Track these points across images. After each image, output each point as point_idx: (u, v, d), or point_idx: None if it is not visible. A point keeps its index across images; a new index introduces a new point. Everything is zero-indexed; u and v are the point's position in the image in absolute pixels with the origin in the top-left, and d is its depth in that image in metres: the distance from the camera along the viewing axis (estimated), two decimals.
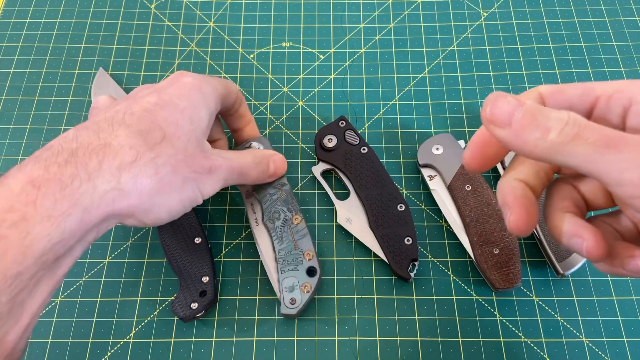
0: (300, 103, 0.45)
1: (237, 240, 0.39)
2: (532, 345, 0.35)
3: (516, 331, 0.36)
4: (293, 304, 0.35)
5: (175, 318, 0.36)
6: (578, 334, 0.36)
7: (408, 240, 0.37)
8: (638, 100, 0.23)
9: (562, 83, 0.24)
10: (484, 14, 0.49)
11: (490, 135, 0.23)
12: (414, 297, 0.37)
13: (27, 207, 0.24)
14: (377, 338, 0.36)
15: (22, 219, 0.24)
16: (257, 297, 0.37)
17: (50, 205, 0.24)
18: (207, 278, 0.36)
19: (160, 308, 0.37)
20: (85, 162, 0.26)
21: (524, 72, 0.46)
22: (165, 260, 0.38)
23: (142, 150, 0.28)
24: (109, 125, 0.28)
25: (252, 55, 0.47)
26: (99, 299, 0.37)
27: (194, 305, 0.35)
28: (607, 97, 0.23)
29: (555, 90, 0.24)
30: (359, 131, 0.43)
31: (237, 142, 0.40)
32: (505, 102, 0.22)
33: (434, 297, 0.37)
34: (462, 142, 0.40)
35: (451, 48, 0.47)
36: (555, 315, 0.36)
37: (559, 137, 0.20)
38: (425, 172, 0.40)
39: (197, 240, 0.37)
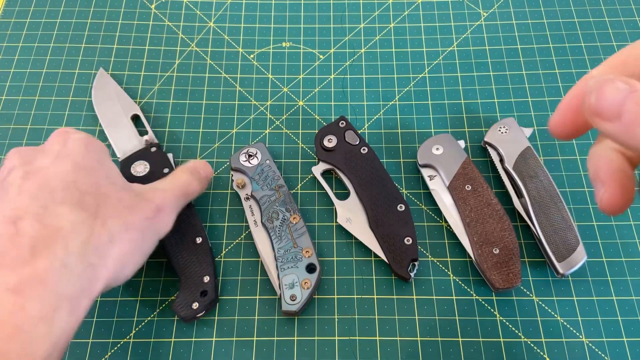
0: (301, 103, 0.45)
1: (237, 240, 0.39)
2: (532, 345, 0.35)
3: (516, 331, 0.36)
4: (294, 300, 0.35)
5: (176, 318, 0.36)
6: (578, 334, 0.36)
7: (408, 240, 0.37)
8: None
9: None
10: (484, 14, 0.49)
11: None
12: (414, 297, 0.37)
13: (17, 317, 0.23)
14: (377, 338, 0.36)
15: (17, 331, 0.23)
16: (257, 297, 0.37)
17: (38, 306, 0.23)
18: (208, 278, 0.36)
19: (161, 308, 0.37)
20: (50, 252, 0.25)
21: (524, 72, 0.46)
22: (165, 260, 0.38)
23: (90, 221, 0.27)
24: (44, 210, 0.27)
25: (252, 56, 0.47)
26: (99, 299, 0.37)
27: (195, 305, 0.35)
28: None
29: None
30: (359, 131, 0.43)
31: None
32: (615, 90, 0.18)
33: (434, 297, 0.37)
34: (462, 142, 0.40)
35: (451, 48, 0.47)
36: (555, 315, 0.36)
37: None
38: (425, 172, 0.40)
39: (198, 240, 0.37)
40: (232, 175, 0.40)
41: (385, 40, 0.48)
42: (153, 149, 0.40)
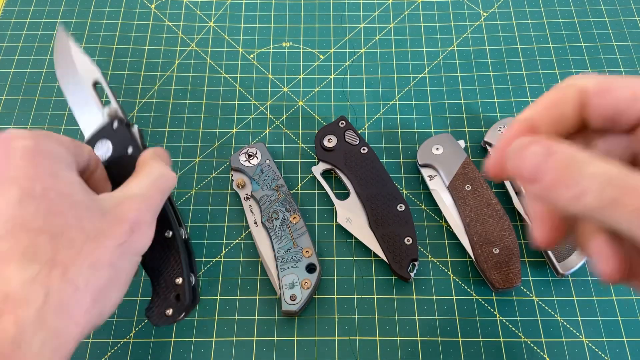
0: (300, 103, 0.45)
1: (237, 240, 0.39)
2: (532, 345, 0.35)
3: (516, 331, 0.36)
4: (294, 300, 0.35)
5: None
6: (578, 334, 0.36)
7: (408, 240, 0.37)
8: None
9: (609, 75, 0.21)
10: (484, 14, 0.49)
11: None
12: (414, 297, 0.37)
13: None
14: (377, 338, 0.36)
15: None
16: (257, 297, 0.37)
17: None
18: (181, 280, 0.30)
19: None
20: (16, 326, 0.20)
21: (523, 72, 0.46)
22: None
23: (45, 276, 0.21)
24: None
25: (252, 55, 0.47)
26: None
27: (169, 312, 0.29)
28: (630, 98, 0.19)
29: (601, 89, 0.20)
30: (359, 131, 0.43)
31: None
32: (532, 154, 0.19)
33: (434, 297, 0.37)
34: (462, 142, 0.40)
35: (451, 48, 0.47)
36: (555, 315, 0.36)
37: (595, 201, 0.17)
38: (425, 172, 0.40)
39: (168, 234, 0.31)
40: (232, 175, 0.40)
41: (385, 40, 0.48)
42: (115, 125, 0.32)
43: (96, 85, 0.35)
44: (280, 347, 0.35)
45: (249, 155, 0.40)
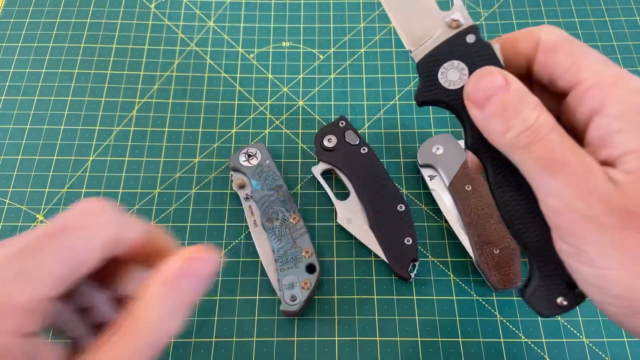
0: (300, 103, 0.45)
1: (236, 241, 0.39)
2: (532, 345, 0.35)
3: (516, 331, 0.36)
4: (293, 300, 0.35)
5: None
6: (578, 334, 0.36)
7: (408, 240, 0.37)
8: (608, 110, 0.20)
9: (575, 40, 0.22)
10: (484, 14, 0.49)
11: None
12: (414, 297, 0.37)
13: None
14: (377, 338, 0.36)
15: None
16: (257, 297, 0.37)
17: None
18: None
19: None
20: None
21: None
22: None
23: None
24: None
25: (252, 55, 0.47)
26: None
27: (560, 300, 0.23)
28: (585, 88, 0.21)
29: (551, 47, 0.22)
30: (359, 131, 0.43)
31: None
32: (490, 82, 0.21)
33: (434, 297, 0.37)
34: (462, 142, 0.40)
35: None
36: (556, 315, 0.36)
37: (513, 139, 0.20)
38: (425, 172, 0.40)
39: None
40: (232, 175, 0.40)
41: (385, 39, 0.48)
42: (471, 38, 0.23)
43: None
44: (280, 348, 0.35)
45: (249, 156, 0.40)
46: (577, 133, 0.21)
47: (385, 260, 0.37)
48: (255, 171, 0.39)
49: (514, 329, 0.36)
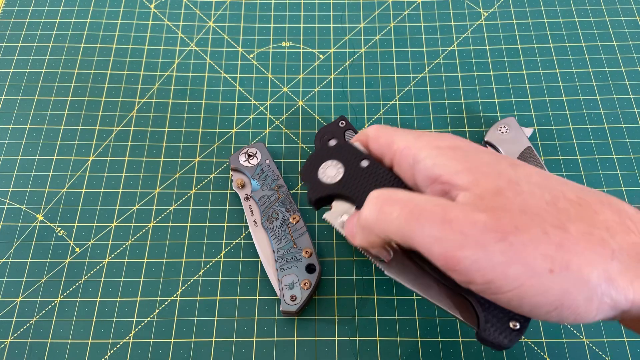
0: (300, 103, 0.45)
1: (236, 241, 0.39)
2: (532, 345, 0.35)
3: None
4: (293, 300, 0.35)
5: (175, 318, 0.36)
6: (578, 334, 0.36)
7: None
8: (419, 157, 0.25)
9: (392, 128, 0.28)
10: (484, 13, 0.49)
11: None
12: (414, 297, 0.37)
13: None
14: (378, 338, 0.36)
15: None
16: (257, 297, 0.37)
17: None
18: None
19: (160, 308, 0.37)
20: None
21: (524, 72, 0.46)
22: (164, 260, 0.38)
23: None
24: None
25: (252, 55, 0.47)
26: (98, 299, 0.37)
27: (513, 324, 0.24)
28: (400, 153, 0.26)
29: (374, 136, 0.28)
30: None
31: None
32: (351, 226, 0.28)
33: None
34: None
35: (451, 48, 0.47)
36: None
37: (370, 225, 0.25)
38: None
39: None
40: (232, 175, 0.40)
41: (386, 39, 0.48)
42: (333, 142, 0.31)
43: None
44: (280, 348, 0.35)
45: (249, 155, 0.40)
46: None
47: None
48: (255, 171, 0.39)
49: None
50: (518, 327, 0.24)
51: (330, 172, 0.29)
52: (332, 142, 0.30)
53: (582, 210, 0.21)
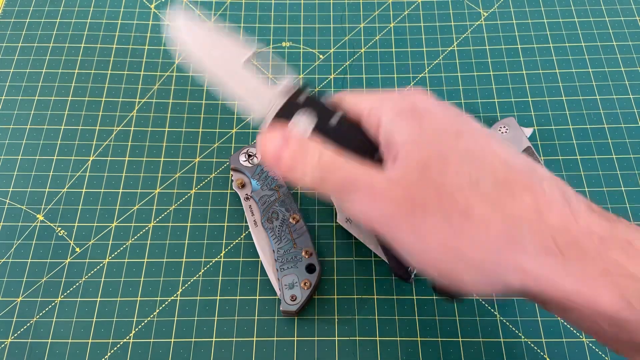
0: None
1: (236, 241, 0.39)
2: (532, 345, 0.35)
3: (516, 331, 0.36)
4: (294, 300, 0.35)
5: (176, 318, 0.36)
6: (578, 334, 0.36)
7: None
8: (383, 121, 0.25)
9: (397, 88, 0.29)
10: (484, 14, 0.49)
11: None
12: (414, 297, 0.37)
13: None
14: (377, 338, 0.36)
15: None
16: (257, 297, 0.37)
17: None
18: None
19: (160, 308, 0.37)
20: None
21: (524, 72, 0.46)
22: (165, 260, 0.38)
23: None
24: None
25: None
26: (98, 299, 0.37)
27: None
28: (366, 115, 0.26)
29: (341, 97, 0.28)
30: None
31: None
32: (271, 140, 0.25)
33: (434, 297, 0.37)
34: None
35: (451, 48, 0.47)
36: (556, 315, 0.36)
37: (312, 181, 0.24)
38: None
39: None
40: (232, 175, 0.40)
41: (386, 40, 0.48)
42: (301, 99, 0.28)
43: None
44: (280, 348, 0.35)
45: (249, 155, 0.40)
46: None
47: (385, 260, 0.37)
48: (255, 171, 0.39)
49: (514, 329, 0.36)
50: None
51: (301, 126, 0.27)
52: (302, 97, 0.28)
53: (500, 193, 0.22)
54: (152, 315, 0.36)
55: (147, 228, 0.39)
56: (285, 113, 0.28)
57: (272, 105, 0.28)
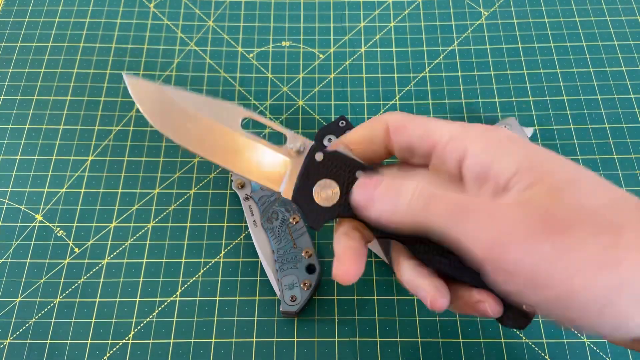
0: (300, 103, 0.44)
1: (236, 241, 0.39)
2: (533, 346, 0.35)
3: (517, 332, 0.36)
4: (293, 301, 0.35)
5: (175, 319, 0.36)
6: (579, 334, 0.36)
7: None
8: (472, 152, 0.23)
9: (410, 115, 0.26)
10: (485, 13, 0.49)
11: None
12: (415, 297, 0.37)
13: None
14: (378, 339, 0.36)
15: None
16: (257, 297, 0.37)
17: None
18: None
19: (160, 309, 0.36)
20: None
21: (524, 71, 0.46)
22: (164, 260, 0.38)
23: None
24: None
25: (251, 55, 0.47)
26: (97, 300, 0.37)
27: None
28: (443, 145, 0.24)
29: (399, 125, 0.25)
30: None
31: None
32: (364, 189, 0.24)
33: None
34: None
35: (452, 47, 0.47)
36: None
37: (409, 208, 0.23)
38: None
39: None
40: (232, 175, 0.40)
41: (386, 39, 0.48)
42: (319, 157, 0.26)
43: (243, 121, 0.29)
44: (280, 349, 0.35)
45: None
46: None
47: (385, 260, 0.37)
48: None
49: (514, 329, 0.36)
50: (530, 309, 0.24)
51: (325, 193, 0.26)
52: (319, 156, 0.26)
53: None
54: (151, 316, 0.36)
55: (146, 228, 0.39)
56: (307, 178, 0.26)
57: (288, 170, 0.26)
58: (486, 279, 0.22)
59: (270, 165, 0.27)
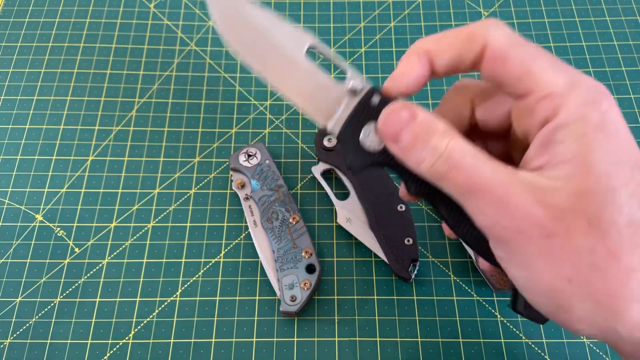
0: None
1: (236, 241, 0.39)
2: (532, 346, 0.35)
3: (517, 332, 0.36)
4: (293, 301, 0.35)
5: (175, 318, 0.36)
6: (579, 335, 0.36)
7: (408, 240, 0.36)
8: (557, 121, 0.20)
9: (521, 40, 0.22)
10: (485, 13, 0.49)
11: None
12: (415, 297, 0.37)
13: None
14: (378, 339, 0.36)
15: None
16: (257, 297, 0.37)
17: None
18: None
19: (160, 309, 0.36)
20: None
21: None
22: (164, 260, 0.38)
23: None
24: None
25: None
26: (97, 300, 0.37)
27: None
28: (537, 99, 0.21)
29: (500, 57, 0.22)
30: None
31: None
32: (397, 117, 0.22)
33: (435, 298, 0.37)
34: None
35: None
36: None
37: (430, 170, 0.21)
38: None
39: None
40: (232, 175, 0.40)
41: (386, 39, 0.48)
42: (376, 99, 0.24)
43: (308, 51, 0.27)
44: (280, 348, 0.35)
45: (249, 155, 0.40)
46: (519, 136, 0.23)
47: (386, 260, 0.37)
48: (255, 171, 0.39)
49: (514, 329, 0.36)
50: None
51: (374, 137, 0.24)
52: (376, 99, 0.24)
53: None
54: (151, 316, 0.36)
55: (146, 228, 0.39)
56: (358, 118, 0.24)
57: (341, 106, 0.25)
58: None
59: (325, 97, 0.25)
